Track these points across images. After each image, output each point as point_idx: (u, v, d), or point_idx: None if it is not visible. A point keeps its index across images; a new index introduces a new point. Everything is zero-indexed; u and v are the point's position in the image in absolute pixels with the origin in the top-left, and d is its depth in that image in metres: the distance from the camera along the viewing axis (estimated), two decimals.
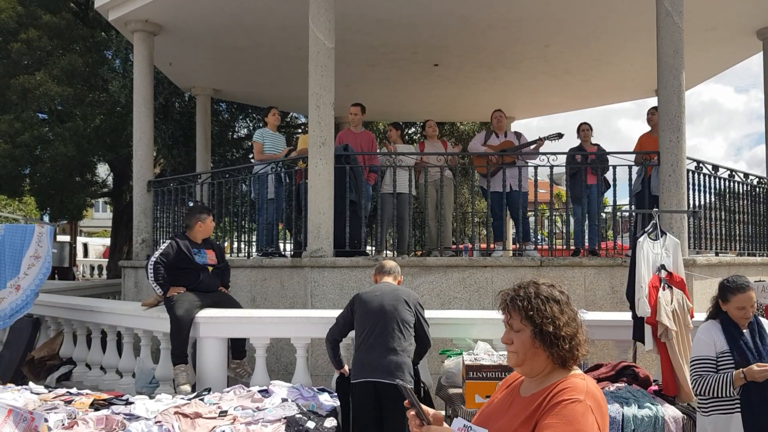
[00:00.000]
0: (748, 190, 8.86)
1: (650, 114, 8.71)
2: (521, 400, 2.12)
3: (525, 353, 2.09)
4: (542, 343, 2.07)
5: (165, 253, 5.67)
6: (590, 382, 2.06)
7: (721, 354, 3.65)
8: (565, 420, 1.93)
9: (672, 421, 4.24)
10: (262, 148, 8.71)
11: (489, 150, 8.37)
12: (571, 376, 2.07)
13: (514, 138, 8.62)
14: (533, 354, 2.09)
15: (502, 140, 8.55)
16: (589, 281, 7.05)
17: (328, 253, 7.15)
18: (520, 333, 2.11)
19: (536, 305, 2.11)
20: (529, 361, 2.10)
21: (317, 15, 7.32)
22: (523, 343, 2.09)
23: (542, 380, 2.10)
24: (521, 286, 2.17)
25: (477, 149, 8.58)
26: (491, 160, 8.09)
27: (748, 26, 9.42)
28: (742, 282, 3.71)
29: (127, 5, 8.95)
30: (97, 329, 6.99)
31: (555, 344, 2.06)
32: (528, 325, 2.09)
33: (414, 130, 18.85)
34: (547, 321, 2.08)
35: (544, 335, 2.07)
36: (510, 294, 2.17)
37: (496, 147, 8.42)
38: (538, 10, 8.87)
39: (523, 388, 2.17)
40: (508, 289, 2.20)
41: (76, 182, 16.39)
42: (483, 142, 8.61)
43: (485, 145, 8.52)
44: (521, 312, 2.12)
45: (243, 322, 5.64)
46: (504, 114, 8.88)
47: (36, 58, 14.36)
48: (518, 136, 8.69)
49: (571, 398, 1.96)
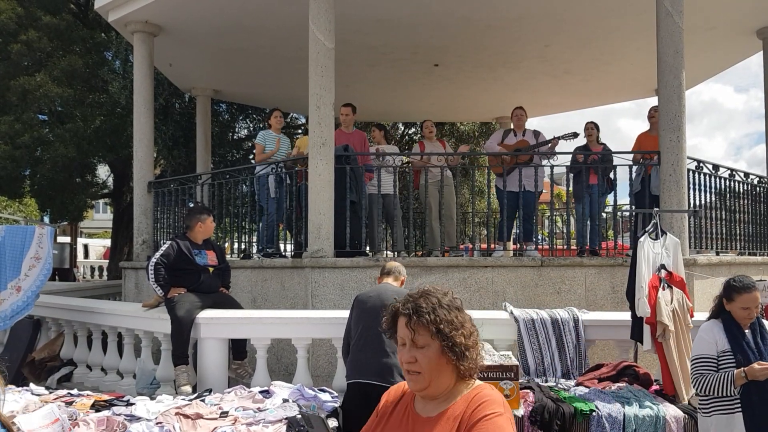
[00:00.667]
0: (749, 190, 8.86)
1: (652, 112, 8.70)
2: (428, 422, 1.95)
3: (431, 372, 1.91)
4: (453, 356, 1.92)
5: (165, 254, 5.67)
6: (497, 391, 1.97)
7: (722, 353, 3.66)
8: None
9: (673, 421, 4.24)
10: (263, 150, 8.72)
11: (504, 149, 8.33)
12: (479, 387, 1.96)
13: (531, 136, 8.51)
14: (439, 372, 1.92)
15: (519, 139, 8.50)
16: (590, 281, 7.04)
17: (328, 254, 7.15)
18: (425, 349, 1.91)
19: (443, 316, 1.94)
20: (435, 381, 1.93)
21: (317, 15, 7.32)
22: (430, 360, 1.91)
23: (447, 396, 1.96)
24: (417, 296, 1.98)
25: (492, 148, 8.55)
26: (505, 159, 8.06)
27: (747, 26, 9.42)
28: (749, 282, 3.72)
29: (127, 6, 8.95)
30: (97, 330, 6.98)
31: (465, 356, 1.93)
32: (436, 339, 1.91)
33: (414, 131, 18.85)
34: (456, 332, 1.94)
35: (456, 348, 1.92)
36: (411, 306, 1.95)
37: (512, 146, 8.37)
38: (538, 10, 8.87)
39: (420, 407, 2.01)
40: (402, 302, 1.99)
41: (77, 183, 16.39)
42: (500, 141, 8.57)
43: (501, 144, 8.48)
44: (430, 326, 1.92)
45: (244, 323, 5.64)
46: (525, 112, 8.73)
47: (36, 60, 14.36)
48: (536, 134, 8.54)
49: (493, 412, 1.86)
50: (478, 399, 1.91)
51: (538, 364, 5.25)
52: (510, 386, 4.35)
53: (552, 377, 5.20)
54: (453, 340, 1.92)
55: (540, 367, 5.25)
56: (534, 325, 5.34)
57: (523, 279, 7.04)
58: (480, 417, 1.86)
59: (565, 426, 4.22)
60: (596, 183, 8.17)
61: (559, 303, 6.74)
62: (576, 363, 5.26)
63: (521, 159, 8.02)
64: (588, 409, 4.28)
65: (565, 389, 4.79)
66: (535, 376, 5.20)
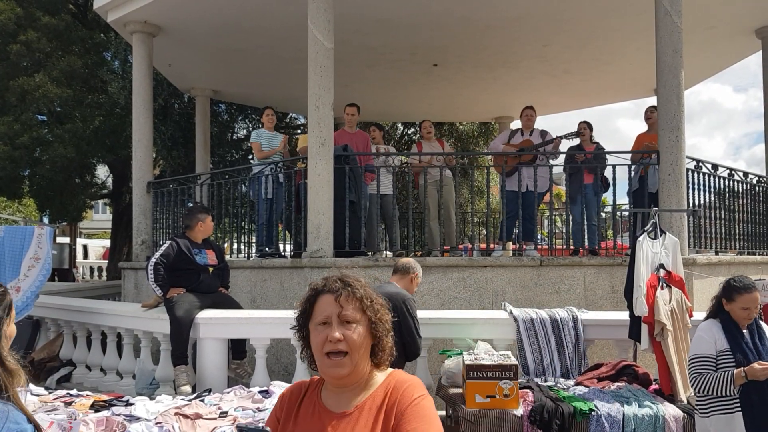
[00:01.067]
0: (748, 189, 8.87)
1: (648, 113, 8.72)
2: (345, 418, 1.82)
3: (357, 351, 1.80)
4: (376, 337, 1.84)
5: (165, 254, 5.67)
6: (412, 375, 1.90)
7: (721, 353, 3.65)
8: (425, 419, 1.76)
9: (672, 420, 4.25)
10: (260, 147, 8.71)
11: (508, 149, 8.33)
12: (394, 374, 1.88)
13: (538, 136, 8.48)
14: (362, 353, 1.81)
15: (524, 138, 8.48)
16: (589, 281, 7.05)
17: (327, 254, 7.15)
18: (354, 326, 1.81)
19: (368, 294, 1.86)
20: (358, 365, 1.81)
21: (316, 15, 7.32)
22: (359, 336, 1.80)
23: (364, 386, 1.85)
24: (339, 276, 1.89)
25: (497, 148, 8.55)
26: (509, 159, 8.05)
27: (746, 25, 9.43)
28: (749, 282, 3.71)
29: (126, 6, 8.95)
30: (97, 331, 6.98)
31: (384, 340, 1.85)
32: (365, 315, 1.83)
33: (413, 131, 18.85)
34: (383, 311, 1.87)
35: (380, 327, 1.85)
36: (339, 283, 1.86)
37: (516, 146, 8.37)
38: (537, 10, 8.87)
39: (332, 401, 1.86)
40: (322, 281, 1.89)
41: (76, 184, 16.38)
42: (506, 141, 8.56)
43: (506, 144, 8.47)
44: (364, 300, 1.84)
45: (243, 323, 5.64)
46: (534, 112, 8.68)
47: (35, 60, 14.35)
48: (543, 134, 8.48)
49: (419, 395, 1.80)
50: (399, 385, 1.83)
51: (538, 364, 5.26)
52: (509, 386, 4.36)
53: (551, 377, 5.21)
54: (382, 317, 1.86)
55: (539, 366, 5.25)
56: (533, 325, 5.34)
57: (522, 279, 7.04)
58: (408, 402, 1.78)
59: (564, 425, 4.22)
60: (591, 182, 8.17)
61: (558, 303, 6.75)
62: (575, 362, 5.27)
63: (524, 159, 8.02)
64: (587, 408, 4.28)
65: (564, 389, 4.79)
66: (535, 376, 5.20)
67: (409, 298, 4.68)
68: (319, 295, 1.86)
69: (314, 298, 1.87)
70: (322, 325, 1.82)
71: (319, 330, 1.82)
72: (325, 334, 1.80)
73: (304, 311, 1.89)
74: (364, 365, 1.84)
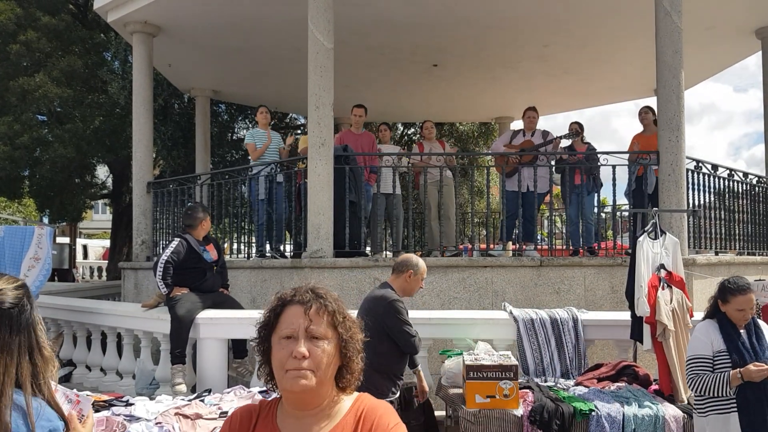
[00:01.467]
0: (748, 190, 8.87)
1: (643, 113, 8.76)
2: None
3: (324, 372, 1.62)
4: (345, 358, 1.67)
5: (176, 251, 5.68)
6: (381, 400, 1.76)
7: (718, 353, 3.65)
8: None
9: (672, 420, 4.25)
10: (255, 147, 8.69)
11: (509, 150, 8.35)
12: (362, 398, 1.73)
13: (539, 136, 8.50)
14: (328, 375, 1.64)
15: (525, 139, 8.50)
16: (589, 281, 7.05)
17: (327, 254, 7.15)
18: (322, 342, 1.63)
19: (341, 309, 1.70)
20: (323, 386, 1.63)
21: (316, 16, 7.33)
22: (327, 355, 1.62)
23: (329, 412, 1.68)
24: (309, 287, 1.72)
25: (497, 149, 8.56)
26: (510, 159, 8.07)
27: (746, 25, 9.43)
28: (743, 284, 3.70)
29: (126, 6, 8.95)
30: (97, 331, 6.98)
31: (353, 361, 1.69)
32: (336, 332, 1.66)
33: (413, 131, 18.85)
34: (355, 329, 1.71)
35: (351, 346, 1.68)
36: (309, 294, 1.68)
37: (517, 147, 8.38)
38: (537, 11, 8.88)
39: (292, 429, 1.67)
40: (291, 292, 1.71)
41: (76, 184, 16.38)
42: (507, 142, 8.58)
43: (507, 146, 8.48)
44: (336, 315, 1.68)
45: (243, 323, 5.63)
46: (537, 113, 8.71)
47: (35, 60, 14.36)
48: (545, 134, 8.51)
49: (394, 423, 1.67)
50: (371, 412, 1.68)
51: (538, 364, 5.26)
52: (509, 386, 4.36)
53: (551, 377, 5.21)
54: (353, 335, 1.69)
55: (539, 366, 5.26)
56: (533, 325, 5.34)
57: (522, 279, 7.04)
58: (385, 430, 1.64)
59: (564, 426, 4.23)
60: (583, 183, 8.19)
61: (558, 303, 6.75)
62: (575, 363, 5.27)
63: (524, 159, 8.03)
64: (587, 408, 4.29)
65: (564, 389, 4.80)
66: (535, 376, 5.20)
67: (395, 300, 4.44)
68: (287, 306, 1.68)
69: (281, 309, 1.68)
70: (287, 339, 1.63)
71: (283, 344, 1.63)
72: (290, 350, 1.61)
73: (268, 323, 1.70)
74: (328, 388, 1.66)
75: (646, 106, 8.85)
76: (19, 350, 1.81)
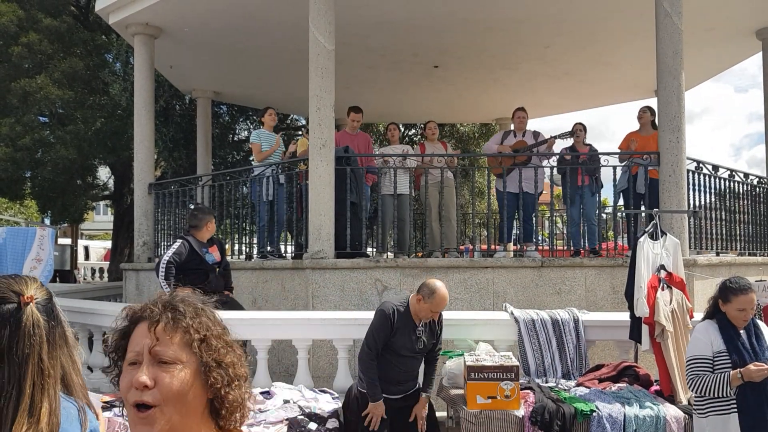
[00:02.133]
0: (748, 190, 8.88)
1: (641, 112, 8.80)
2: None
3: (176, 405, 1.25)
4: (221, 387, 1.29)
5: (178, 252, 5.70)
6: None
7: (717, 354, 3.65)
8: None
9: (674, 421, 4.26)
10: (260, 149, 8.70)
11: (503, 150, 8.36)
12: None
13: (531, 137, 8.54)
14: (186, 410, 1.27)
15: (518, 140, 8.52)
16: (590, 282, 7.05)
17: (329, 255, 7.16)
18: (173, 368, 1.27)
19: (204, 324, 1.33)
20: (187, 423, 1.27)
21: (317, 17, 7.34)
22: (181, 383, 1.26)
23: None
24: (168, 299, 1.36)
25: (490, 149, 8.58)
26: (503, 160, 8.08)
27: (746, 26, 9.44)
28: (744, 284, 3.70)
29: (127, 8, 8.97)
30: (98, 332, 6.99)
31: (231, 393, 1.30)
32: (194, 355, 1.29)
33: (414, 132, 18.86)
34: (227, 351, 1.33)
35: (222, 372, 1.30)
36: (160, 307, 1.33)
37: (511, 147, 8.40)
38: (538, 12, 8.89)
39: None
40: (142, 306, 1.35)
41: (77, 185, 16.40)
42: (499, 142, 8.60)
43: (500, 146, 8.51)
44: (182, 333, 1.30)
45: (244, 324, 5.63)
46: (526, 113, 8.75)
47: (37, 62, 14.38)
48: (536, 135, 8.56)
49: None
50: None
51: (539, 365, 5.27)
52: (510, 386, 4.37)
53: (552, 378, 5.21)
54: (222, 358, 1.31)
55: (540, 367, 5.26)
56: (534, 326, 5.35)
57: (523, 280, 7.05)
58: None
59: (565, 426, 4.23)
60: (587, 183, 8.21)
61: (559, 303, 6.75)
62: (576, 363, 5.28)
63: (519, 159, 8.05)
64: (588, 409, 4.29)
65: (565, 390, 4.80)
66: (536, 377, 5.21)
67: (383, 309, 4.40)
68: (137, 324, 1.33)
69: (131, 328, 1.34)
70: (132, 365, 1.29)
71: (127, 371, 1.30)
72: (130, 376, 1.28)
73: (117, 347, 1.35)
74: (196, 427, 1.29)
75: (646, 106, 8.89)
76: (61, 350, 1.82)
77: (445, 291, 4.37)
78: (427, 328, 4.51)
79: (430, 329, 4.54)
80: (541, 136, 8.48)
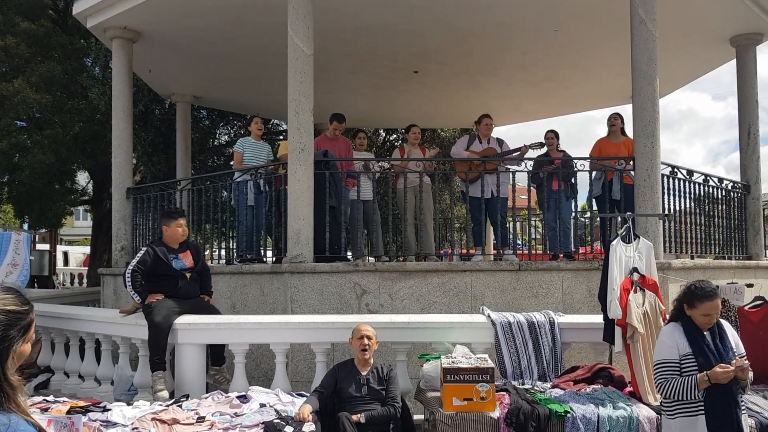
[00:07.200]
0: (723, 195, 9.01)
1: (612, 119, 8.91)
2: None
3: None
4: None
5: (142, 260, 5.65)
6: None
7: (684, 357, 3.66)
8: None
9: (646, 421, 4.31)
10: (241, 158, 8.66)
11: (472, 155, 8.45)
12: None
13: (496, 144, 8.70)
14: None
15: (485, 146, 8.63)
16: (567, 285, 7.12)
17: (307, 259, 7.16)
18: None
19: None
20: None
21: (296, 22, 7.36)
22: None
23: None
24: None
25: (460, 154, 8.64)
26: (473, 165, 8.16)
27: (721, 34, 9.58)
28: (710, 289, 3.69)
29: (106, 12, 8.92)
30: (75, 337, 6.94)
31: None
32: None
33: (396, 137, 18.90)
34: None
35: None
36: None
37: (479, 153, 8.50)
38: (517, 18, 8.97)
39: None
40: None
41: (56, 190, 16.22)
42: (466, 147, 8.69)
43: (468, 150, 8.60)
44: None
45: (222, 328, 5.63)
46: (492, 120, 8.91)
47: (14, 66, 14.22)
48: (500, 142, 8.74)
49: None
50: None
51: (515, 367, 5.31)
52: (486, 388, 4.40)
53: (529, 379, 5.26)
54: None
55: (517, 369, 5.30)
56: (511, 328, 5.39)
57: (501, 283, 7.10)
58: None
59: (540, 427, 4.27)
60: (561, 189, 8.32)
61: (536, 306, 6.81)
62: (552, 365, 5.33)
63: (490, 166, 8.17)
64: (563, 410, 4.34)
65: (541, 391, 4.85)
66: (513, 379, 5.25)
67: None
68: None
69: None
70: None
71: None
72: None
73: None
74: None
75: (616, 113, 9.03)
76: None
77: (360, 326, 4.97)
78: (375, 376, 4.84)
79: (378, 377, 4.85)
80: (505, 145, 8.67)
